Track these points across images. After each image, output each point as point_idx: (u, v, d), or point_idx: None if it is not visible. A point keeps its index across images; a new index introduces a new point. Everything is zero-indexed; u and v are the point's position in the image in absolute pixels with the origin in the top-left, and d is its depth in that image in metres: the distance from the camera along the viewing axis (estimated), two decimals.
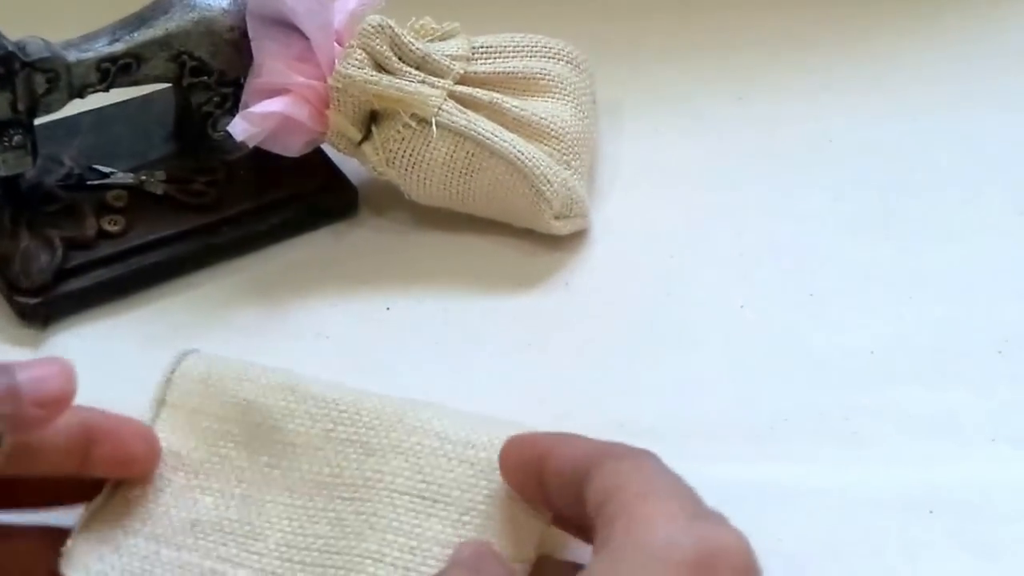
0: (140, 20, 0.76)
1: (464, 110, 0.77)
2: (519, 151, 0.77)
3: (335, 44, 0.76)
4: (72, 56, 0.73)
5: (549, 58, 0.82)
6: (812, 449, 0.70)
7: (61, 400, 0.56)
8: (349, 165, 0.81)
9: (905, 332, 0.76)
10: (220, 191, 0.79)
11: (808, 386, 0.73)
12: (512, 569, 0.57)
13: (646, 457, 0.54)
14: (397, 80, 0.76)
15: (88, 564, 0.60)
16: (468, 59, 0.79)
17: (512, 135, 0.77)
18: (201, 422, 0.64)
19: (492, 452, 0.60)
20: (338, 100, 0.76)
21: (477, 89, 0.78)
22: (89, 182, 0.78)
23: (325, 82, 0.76)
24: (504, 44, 0.81)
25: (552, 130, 0.79)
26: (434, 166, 0.77)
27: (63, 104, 0.75)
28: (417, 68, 0.77)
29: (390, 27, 0.76)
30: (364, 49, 0.76)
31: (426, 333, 0.76)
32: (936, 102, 0.89)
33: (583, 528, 0.55)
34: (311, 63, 0.76)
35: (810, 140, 0.87)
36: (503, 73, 0.80)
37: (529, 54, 0.81)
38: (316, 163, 0.81)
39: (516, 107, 0.78)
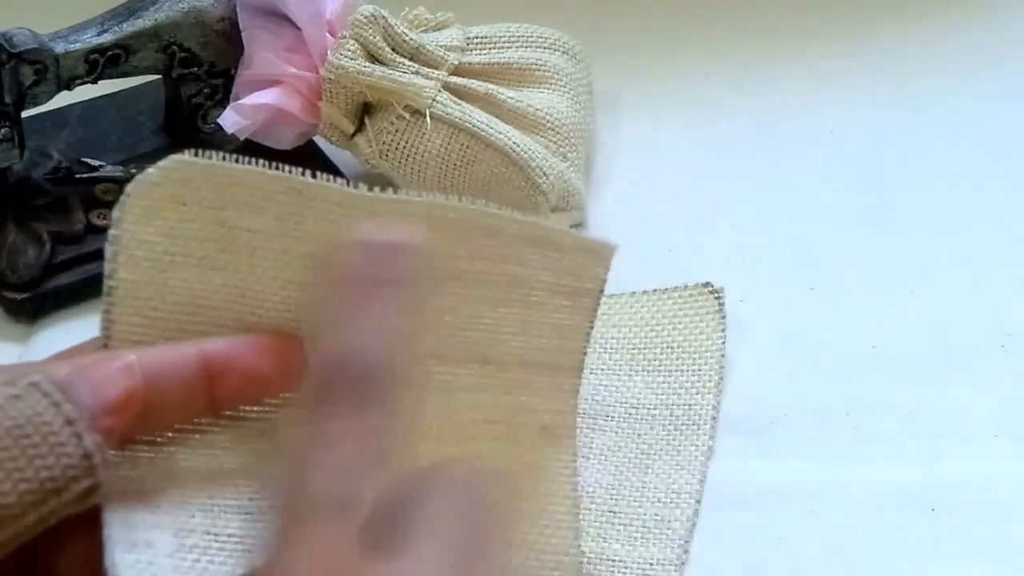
0: (129, 11, 0.75)
1: (459, 101, 0.76)
2: (514, 143, 0.76)
3: (327, 34, 0.75)
4: (60, 47, 0.73)
5: (545, 48, 0.81)
6: (813, 445, 0.69)
7: (131, 400, 0.49)
8: (342, 158, 0.80)
9: (907, 326, 0.75)
10: None
11: (809, 381, 0.72)
12: None
13: None
14: (391, 71, 0.75)
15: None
16: (463, 49, 0.78)
17: (507, 127, 0.76)
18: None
19: None
20: (330, 91, 0.75)
21: (472, 80, 0.77)
22: (78, 175, 0.77)
23: (317, 73, 0.75)
24: (499, 34, 0.80)
25: (548, 121, 0.78)
26: (428, 158, 0.76)
27: (51, 96, 0.74)
28: (411, 59, 0.76)
29: (383, 17, 0.76)
30: (357, 39, 0.75)
31: None
32: (939, 92, 0.89)
33: None
34: (303, 54, 0.75)
35: (810, 131, 0.86)
36: (498, 64, 0.79)
37: (525, 44, 0.80)
38: (308, 156, 0.80)
39: (511, 98, 0.77)
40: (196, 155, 0.51)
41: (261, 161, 0.52)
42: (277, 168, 0.52)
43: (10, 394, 0.46)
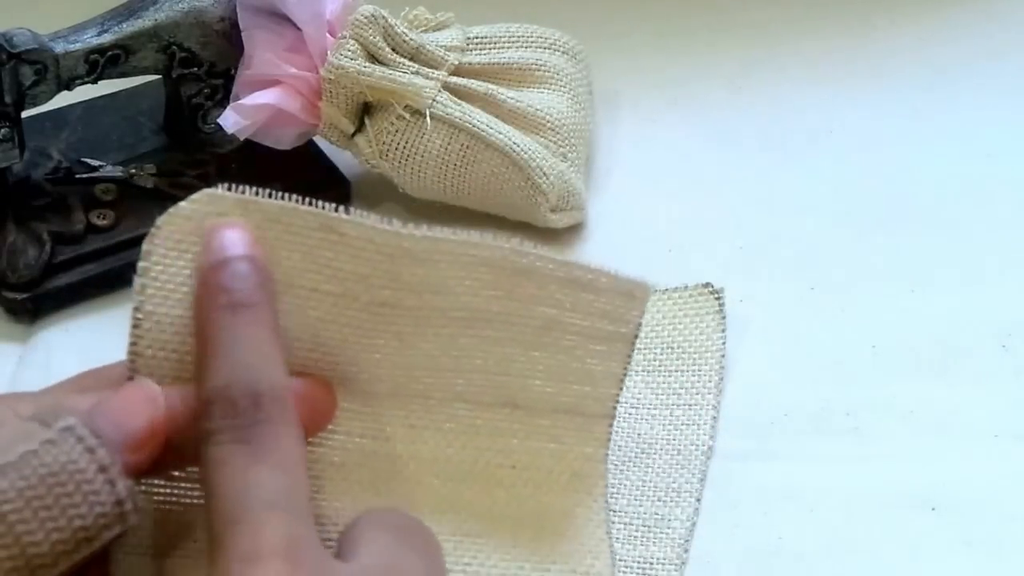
0: (129, 11, 0.75)
1: (459, 101, 0.76)
2: (514, 143, 0.76)
3: (327, 35, 0.75)
4: (60, 47, 0.73)
5: (545, 48, 0.81)
6: (813, 445, 0.69)
7: (154, 434, 0.48)
8: (342, 158, 0.80)
9: (907, 326, 0.75)
10: (210, 185, 0.77)
11: (809, 381, 0.72)
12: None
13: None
14: (390, 71, 0.75)
15: None
16: (463, 50, 0.78)
17: (507, 127, 0.76)
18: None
19: None
20: (330, 92, 0.75)
21: (472, 80, 0.77)
22: (77, 176, 0.77)
23: (317, 73, 0.75)
24: (499, 34, 0.80)
25: (548, 121, 0.78)
26: (428, 158, 0.76)
27: (51, 96, 0.74)
28: (411, 59, 0.76)
29: (383, 17, 0.75)
30: (357, 40, 0.75)
31: None
32: (938, 90, 0.89)
33: None
34: (303, 54, 0.75)
35: (810, 131, 0.86)
36: (498, 64, 0.79)
37: (524, 44, 0.80)
38: (308, 156, 0.80)
39: (511, 98, 0.77)
40: (230, 189, 0.51)
41: (295, 197, 0.52)
42: (311, 204, 0.52)
43: (45, 438, 0.46)
